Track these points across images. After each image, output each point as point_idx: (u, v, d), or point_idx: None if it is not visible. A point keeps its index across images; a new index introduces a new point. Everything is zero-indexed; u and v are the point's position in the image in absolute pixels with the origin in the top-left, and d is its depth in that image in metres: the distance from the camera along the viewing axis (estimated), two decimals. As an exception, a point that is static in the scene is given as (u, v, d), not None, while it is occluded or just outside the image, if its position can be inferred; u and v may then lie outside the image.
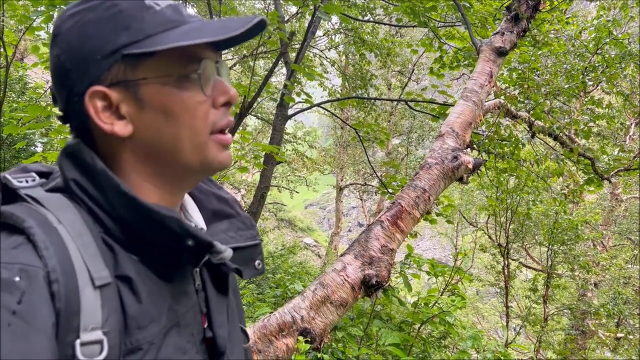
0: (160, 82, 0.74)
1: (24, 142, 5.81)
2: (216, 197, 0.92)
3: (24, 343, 0.58)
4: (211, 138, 0.78)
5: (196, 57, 0.75)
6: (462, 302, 3.13)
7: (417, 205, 2.98)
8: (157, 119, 0.75)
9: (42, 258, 0.63)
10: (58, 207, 0.71)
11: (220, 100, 0.78)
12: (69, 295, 0.64)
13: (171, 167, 0.78)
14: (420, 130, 13.60)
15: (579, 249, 8.48)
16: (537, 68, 5.10)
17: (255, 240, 0.91)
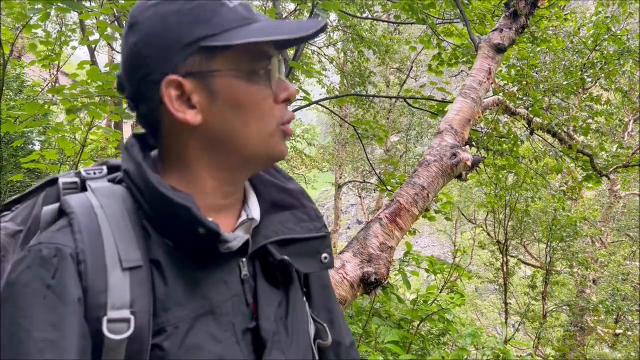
0: (232, 75, 0.78)
1: (21, 140, 5.79)
2: (278, 188, 0.92)
3: (54, 313, 0.66)
4: (279, 128, 0.82)
5: (266, 54, 0.79)
6: (460, 299, 3.13)
7: (415, 203, 2.98)
8: (227, 110, 0.79)
9: (74, 240, 0.71)
10: (105, 195, 0.78)
11: (282, 96, 0.81)
12: (95, 275, 0.70)
13: (232, 157, 0.81)
14: (419, 128, 13.59)
15: (577, 245, 8.48)
16: (536, 65, 5.09)
17: (320, 232, 0.89)
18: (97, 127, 5.10)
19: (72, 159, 5.72)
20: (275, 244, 0.84)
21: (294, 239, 0.86)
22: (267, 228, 0.86)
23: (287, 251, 0.84)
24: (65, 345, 0.66)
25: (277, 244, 0.84)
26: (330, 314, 0.99)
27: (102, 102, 4.10)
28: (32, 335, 0.65)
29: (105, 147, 6.98)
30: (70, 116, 4.00)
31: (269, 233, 0.85)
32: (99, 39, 5.00)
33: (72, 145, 4.86)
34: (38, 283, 0.68)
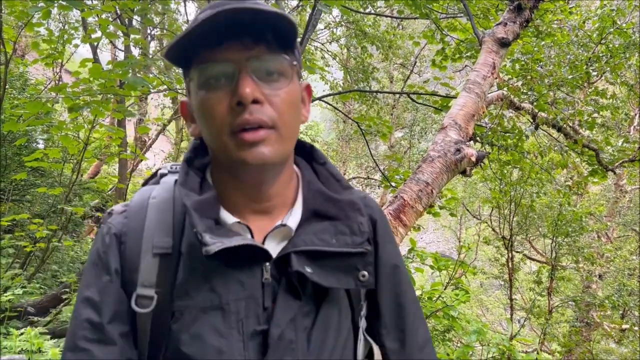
0: (192, 86, 0.82)
1: (24, 139, 5.79)
2: (324, 197, 0.89)
3: (98, 279, 0.83)
4: (233, 137, 0.79)
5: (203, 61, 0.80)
6: (465, 296, 3.10)
7: (419, 199, 2.96)
8: (199, 121, 0.85)
9: (122, 224, 0.85)
10: (164, 188, 0.90)
11: (232, 100, 0.79)
12: (131, 255, 0.83)
13: (221, 163, 0.86)
14: (423, 123, 13.53)
15: (583, 240, 8.43)
16: (541, 59, 5.04)
17: (358, 248, 0.85)
18: (100, 125, 5.09)
19: (76, 157, 5.72)
20: (304, 254, 0.82)
21: (326, 252, 0.83)
22: (299, 237, 0.85)
23: (317, 264, 0.82)
24: (101, 307, 0.81)
25: (307, 255, 0.82)
26: (402, 335, 0.95)
27: (105, 100, 4.09)
28: (82, 293, 0.83)
29: (109, 145, 6.97)
30: (72, 114, 3.99)
31: (299, 242, 0.84)
32: (101, 36, 4.99)
33: (75, 144, 4.87)
34: (95, 253, 0.85)
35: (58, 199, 6.31)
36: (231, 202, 0.86)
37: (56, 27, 10.12)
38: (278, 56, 0.81)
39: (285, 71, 0.82)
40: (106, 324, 0.80)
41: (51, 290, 5.12)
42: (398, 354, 0.94)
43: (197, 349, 0.78)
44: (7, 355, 3.15)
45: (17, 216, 5.13)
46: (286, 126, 0.82)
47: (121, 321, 0.82)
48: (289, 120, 0.82)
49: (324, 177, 0.93)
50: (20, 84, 7.13)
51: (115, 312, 0.81)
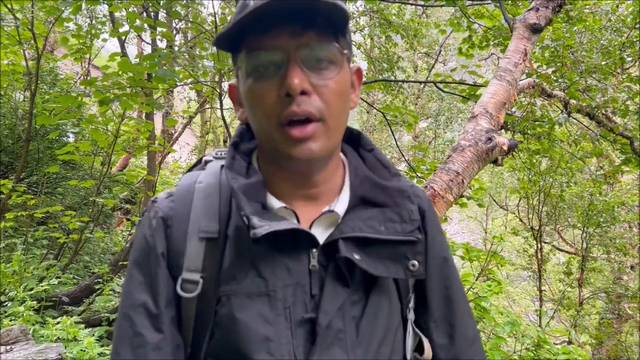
0: (243, 74, 0.81)
1: (56, 133, 5.90)
2: (372, 184, 0.87)
3: (147, 263, 0.83)
4: (280, 130, 0.78)
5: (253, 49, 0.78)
6: (498, 287, 3.06)
7: (450, 189, 2.92)
8: (247, 109, 0.84)
9: (169, 207, 0.85)
10: (210, 173, 0.89)
11: (280, 91, 0.77)
12: (177, 239, 0.82)
13: (268, 152, 0.86)
14: (448, 113, 13.36)
15: (614, 231, 8.24)
16: (572, 45, 4.91)
17: (408, 236, 0.83)
18: (129, 119, 5.16)
19: (106, 150, 5.81)
20: (352, 241, 0.80)
21: (375, 239, 0.81)
22: (346, 224, 0.83)
23: (365, 251, 0.80)
24: (156, 292, 0.81)
25: (355, 242, 0.80)
26: (452, 329, 0.92)
27: (134, 93, 4.14)
28: (134, 277, 0.83)
29: (137, 137, 7.07)
30: (102, 108, 4.05)
31: (346, 229, 0.82)
32: (128, 30, 5.04)
33: (105, 137, 4.94)
34: (142, 238, 0.85)
35: (89, 192, 6.43)
36: (277, 188, 0.85)
37: (84, 22, 10.28)
38: (328, 44, 0.78)
39: (335, 59, 0.80)
40: (163, 308, 0.80)
41: (84, 281, 5.24)
42: (447, 349, 0.92)
43: (243, 336, 0.76)
44: (44, 343, 3.22)
45: (50, 208, 5.24)
46: (334, 117, 0.80)
47: (172, 306, 0.81)
48: (337, 111, 0.80)
49: (371, 163, 0.91)
50: (51, 79, 7.26)
51: (168, 296, 0.81)
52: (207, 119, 13.88)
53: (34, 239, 5.83)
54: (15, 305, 4.02)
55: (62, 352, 2.92)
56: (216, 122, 14.43)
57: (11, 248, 5.53)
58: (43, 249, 5.82)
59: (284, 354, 0.76)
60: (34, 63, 5.34)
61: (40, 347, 3.02)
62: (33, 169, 6.68)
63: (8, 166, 6.92)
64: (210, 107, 10.49)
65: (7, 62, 6.14)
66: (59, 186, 7.05)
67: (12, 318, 3.83)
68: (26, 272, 4.66)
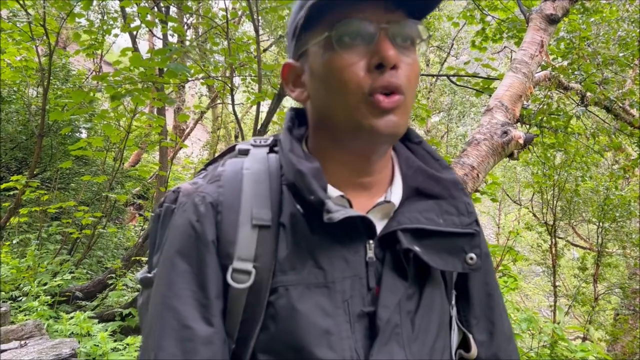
0: (316, 47, 0.78)
1: (69, 128, 5.93)
2: (426, 175, 0.85)
3: (195, 250, 0.77)
4: (366, 100, 0.75)
5: (339, 18, 0.75)
6: (514, 283, 3.01)
7: (465, 183, 2.87)
8: (317, 85, 0.80)
9: (218, 193, 0.80)
10: (257, 159, 0.85)
11: (372, 61, 0.74)
12: (228, 226, 0.77)
13: (334, 132, 0.81)
14: (460, 107, 13.26)
15: (630, 226, 8.12)
16: (588, 37, 4.81)
17: (466, 228, 0.81)
18: (141, 114, 5.16)
19: (118, 145, 5.83)
20: (409, 233, 0.79)
21: (433, 231, 0.80)
22: (403, 215, 0.81)
23: (422, 243, 0.79)
24: (206, 282, 0.75)
25: (412, 234, 0.79)
26: (491, 325, 0.91)
27: (145, 88, 4.13)
28: (177, 266, 0.76)
29: (149, 133, 7.08)
30: (114, 103, 4.05)
31: (404, 220, 0.80)
32: (140, 25, 5.03)
33: (117, 132, 4.95)
34: (187, 224, 0.78)
35: (102, 187, 6.46)
36: (332, 175, 0.82)
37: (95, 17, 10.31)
38: (416, 24, 0.78)
39: (418, 40, 0.80)
40: (214, 299, 0.75)
41: (97, 276, 5.26)
42: (487, 346, 0.90)
43: (303, 328, 0.73)
44: (58, 338, 3.24)
45: (63, 204, 5.27)
46: (411, 96, 0.79)
47: (221, 298, 0.77)
48: (414, 91, 0.80)
49: (421, 155, 0.90)
50: (63, 75, 7.29)
51: (218, 287, 0.76)
52: (218, 114, 13.89)
53: (48, 234, 5.87)
54: (30, 300, 4.05)
55: (76, 347, 2.93)
56: (228, 117, 14.44)
57: (25, 243, 5.57)
58: (57, 244, 5.86)
59: (344, 348, 0.74)
60: (47, 59, 5.36)
61: (55, 342, 3.04)
62: (46, 164, 6.72)
63: (22, 162, 6.98)
64: (222, 102, 10.49)
65: (20, 58, 6.17)
66: (72, 182, 7.09)
67: (26, 313, 3.85)
68: (40, 267, 4.69)
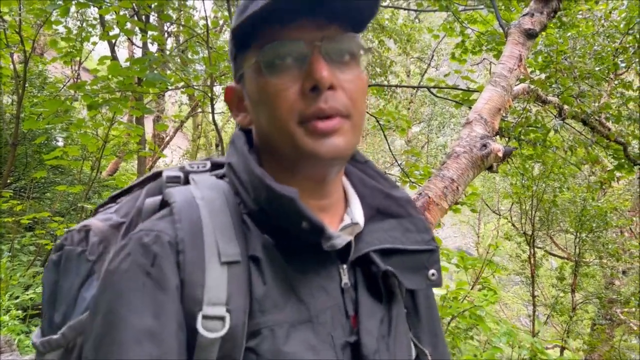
0: (250, 72, 0.74)
1: (44, 137, 5.82)
2: (383, 194, 0.84)
3: (153, 302, 0.64)
4: (302, 126, 0.71)
5: (268, 40, 0.71)
6: (494, 296, 3.02)
7: (445, 196, 2.88)
8: (256, 110, 0.76)
9: (175, 229, 0.69)
10: (208, 187, 0.76)
11: (305, 85, 0.70)
12: (193, 266, 0.67)
13: (283, 158, 0.76)
14: (441, 118, 13.39)
15: (607, 236, 8.26)
16: (565, 51, 4.90)
17: (428, 245, 0.81)
18: (119, 123, 5.09)
19: (95, 155, 5.73)
20: (378, 253, 0.77)
21: (399, 249, 0.79)
22: (371, 235, 0.79)
23: (390, 262, 0.77)
24: (164, 336, 0.63)
25: (380, 254, 0.77)
26: (435, 338, 0.91)
27: (124, 98, 4.07)
28: (130, 324, 0.62)
29: (127, 142, 6.99)
30: (92, 112, 3.99)
31: (373, 240, 0.78)
32: (119, 33, 4.97)
33: (94, 141, 4.87)
34: (137, 270, 0.66)
35: (78, 197, 6.34)
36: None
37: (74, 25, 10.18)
38: (353, 38, 0.74)
39: (358, 54, 0.76)
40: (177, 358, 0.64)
41: (72, 288, 5.14)
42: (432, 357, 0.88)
43: None
44: (30, 354, 3.15)
45: (37, 214, 5.16)
46: (359, 115, 0.75)
47: (185, 354, 0.65)
48: (361, 109, 0.76)
49: (372, 175, 0.88)
50: (40, 82, 7.17)
51: (180, 343, 0.65)
52: (198, 123, 13.81)
53: (21, 246, 5.74)
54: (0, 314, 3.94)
55: (48, 364, 2.85)
56: (208, 126, 14.36)
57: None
58: (30, 256, 5.72)
59: None
60: (22, 66, 5.26)
61: (26, 358, 2.95)
62: (20, 173, 6.58)
63: (-5, 171, 6.81)
64: (202, 111, 10.42)
65: (-5, 65, 6.05)
66: (47, 191, 6.95)
67: (-4, 327, 3.74)
68: (12, 279, 4.57)
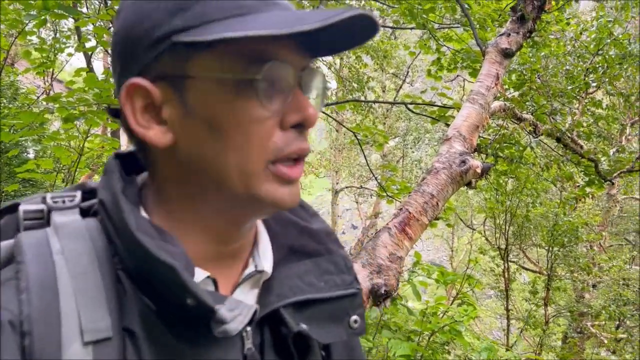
0: (211, 84, 0.57)
1: (16, 150, 5.68)
2: (298, 229, 0.71)
3: None
4: (269, 168, 0.59)
5: (262, 57, 0.56)
6: (474, 311, 3.05)
7: (425, 211, 2.90)
8: (201, 131, 0.58)
9: (19, 302, 0.52)
10: (71, 235, 0.57)
11: (290, 119, 0.59)
12: (45, 351, 0.51)
13: (216, 196, 0.60)
14: (416, 133, 13.58)
15: (578, 250, 8.45)
16: (538, 70, 5.04)
17: (349, 288, 0.69)
18: (94, 136, 5.01)
19: (69, 168, 5.62)
20: (291, 307, 0.65)
21: (317, 299, 0.66)
22: (282, 284, 0.66)
23: (305, 315, 0.65)
24: None
25: (294, 306, 0.65)
26: None
27: (100, 110, 4.01)
28: None
29: (102, 155, 6.88)
30: (67, 125, 3.91)
31: (285, 291, 0.65)
32: (96, 45, 4.91)
33: (68, 154, 4.77)
34: None
35: (49, 210, 6.18)
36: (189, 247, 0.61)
37: (47, 35, 10.03)
38: (323, 74, 0.65)
39: (323, 95, 0.66)
40: None
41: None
42: None
43: None
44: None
45: (7, 228, 5.01)
46: None
47: None
48: None
49: None
50: (11, 93, 7.02)
51: None
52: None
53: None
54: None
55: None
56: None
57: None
58: None
59: None
60: (-6, 77, 5.14)
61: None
62: (-10, 186, 6.40)
63: (-37, 183, 6.61)
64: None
65: (-35, 75, 5.91)
66: (17, 204, 6.76)
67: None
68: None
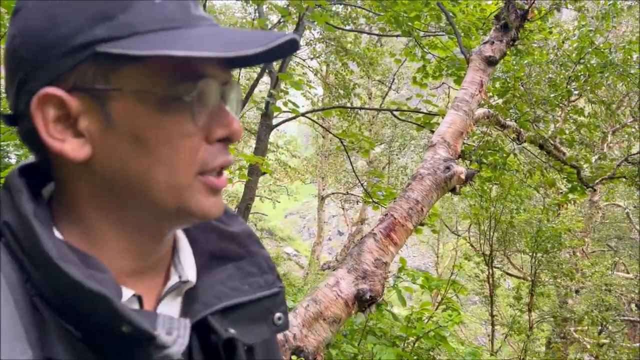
0: (138, 97, 0.55)
1: (-2, 154, 5.60)
2: (218, 233, 0.71)
3: None
4: (198, 179, 0.58)
5: (194, 73, 0.56)
6: (458, 317, 3.07)
7: (410, 217, 2.93)
8: (126, 146, 0.56)
9: None
10: None
11: (217, 133, 0.59)
12: None
13: (136, 211, 0.59)
14: (401, 139, 13.65)
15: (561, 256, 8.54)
16: (521, 77, 5.11)
17: (272, 288, 0.70)
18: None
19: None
20: (217, 312, 0.64)
21: (241, 303, 0.66)
22: (207, 292, 0.65)
23: (231, 319, 0.65)
24: None
25: (220, 312, 0.65)
26: None
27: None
28: None
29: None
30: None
31: (210, 299, 0.64)
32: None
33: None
34: None
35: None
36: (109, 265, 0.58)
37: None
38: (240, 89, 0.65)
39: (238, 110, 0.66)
40: None
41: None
42: None
43: None
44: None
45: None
46: None
47: None
48: None
49: None
50: (-7, 97, 6.93)
51: None
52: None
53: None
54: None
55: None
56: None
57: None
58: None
59: None
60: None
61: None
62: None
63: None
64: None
65: (-54, 78, 5.82)
66: None
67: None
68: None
